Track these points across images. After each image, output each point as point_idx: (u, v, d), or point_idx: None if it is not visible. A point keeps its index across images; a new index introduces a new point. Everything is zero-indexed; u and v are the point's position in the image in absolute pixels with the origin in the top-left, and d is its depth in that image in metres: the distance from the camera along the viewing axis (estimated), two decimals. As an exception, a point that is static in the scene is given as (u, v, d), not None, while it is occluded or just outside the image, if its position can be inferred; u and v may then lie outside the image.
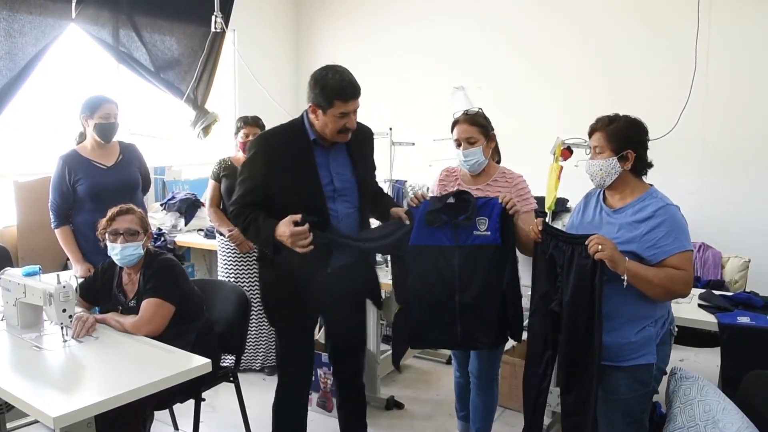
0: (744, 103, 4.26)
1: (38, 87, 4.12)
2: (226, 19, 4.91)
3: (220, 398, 3.37)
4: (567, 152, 3.82)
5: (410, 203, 2.45)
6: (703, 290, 2.96)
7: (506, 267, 2.39)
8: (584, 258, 2.01)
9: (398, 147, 4.27)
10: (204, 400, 2.62)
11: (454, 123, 2.57)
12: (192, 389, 2.50)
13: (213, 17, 4.71)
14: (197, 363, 2.10)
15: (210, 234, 4.26)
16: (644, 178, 2.17)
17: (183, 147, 5.22)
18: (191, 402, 2.59)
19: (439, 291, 2.41)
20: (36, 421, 2.88)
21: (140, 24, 4.63)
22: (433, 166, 3.26)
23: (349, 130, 2.30)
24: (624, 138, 2.08)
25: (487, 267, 2.38)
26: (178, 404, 2.75)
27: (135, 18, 4.60)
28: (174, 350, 2.22)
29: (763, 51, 4.17)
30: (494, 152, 2.64)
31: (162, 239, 4.29)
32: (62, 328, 2.26)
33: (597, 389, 2.05)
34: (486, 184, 2.56)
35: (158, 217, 4.52)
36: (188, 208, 4.62)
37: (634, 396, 2.11)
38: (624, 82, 4.60)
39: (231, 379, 2.80)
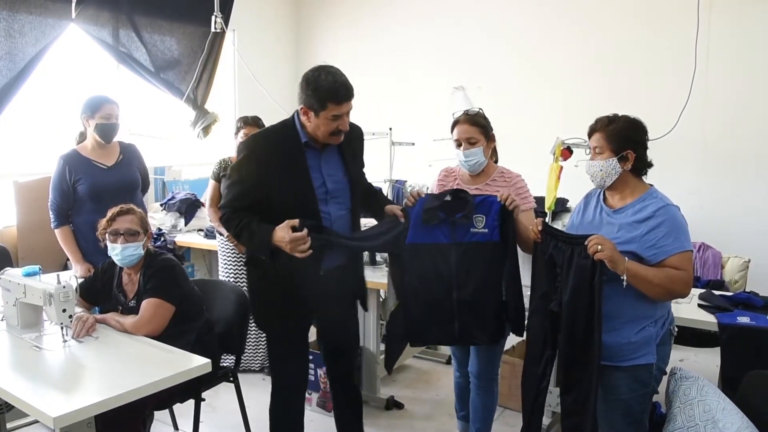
0: (744, 103, 4.26)
1: (38, 87, 4.12)
2: (226, 19, 4.91)
3: (220, 398, 3.37)
4: (567, 152, 3.82)
5: (406, 203, 2.44)
6: (703, 290, 2.97)
7: (505, 263, 2.39)
8: (584, 258, 2.01)
9: (398, 147, 4.27)
10: (204, 400, 2.62)
11: (455, 123, 2.57)
12: (192, 389, 2.50)
13: (213, 17, 4.70)
14: (197, 363, 2.10)
15: (210, 234, 4.27)
16: (644, 178, 2.17)
17: (183, 147, 5.22)
18: (191, 402, 2.59)
19: (437, 288, 2.41)
20: (36, 421, 2.89)
21: (140, 24, 4.64)
22: (433, 166, 3.26)
23: (342, 132, 2.26)
24: (624, 138, 2.09)
25: (485, 264, 2.38)
26: (178, 404, 2.75)
27: (135, 18, 4.60)
28: (174, 350, 2.22)
29: (763, 51, 4.17)
30: (492, 152, 2.64)
31: (162, 239, 4.29)
32: (62, 328, 2.26)
33: (597, 389, 2.05)
34: (485, 184, 2.56)
35: (158, 217, 4.52)
36: (188, 208, 4.62)
37: (634, 396, 2.11)
38: (624, 82, 4.60)
39: (231, 379, 2.80)
